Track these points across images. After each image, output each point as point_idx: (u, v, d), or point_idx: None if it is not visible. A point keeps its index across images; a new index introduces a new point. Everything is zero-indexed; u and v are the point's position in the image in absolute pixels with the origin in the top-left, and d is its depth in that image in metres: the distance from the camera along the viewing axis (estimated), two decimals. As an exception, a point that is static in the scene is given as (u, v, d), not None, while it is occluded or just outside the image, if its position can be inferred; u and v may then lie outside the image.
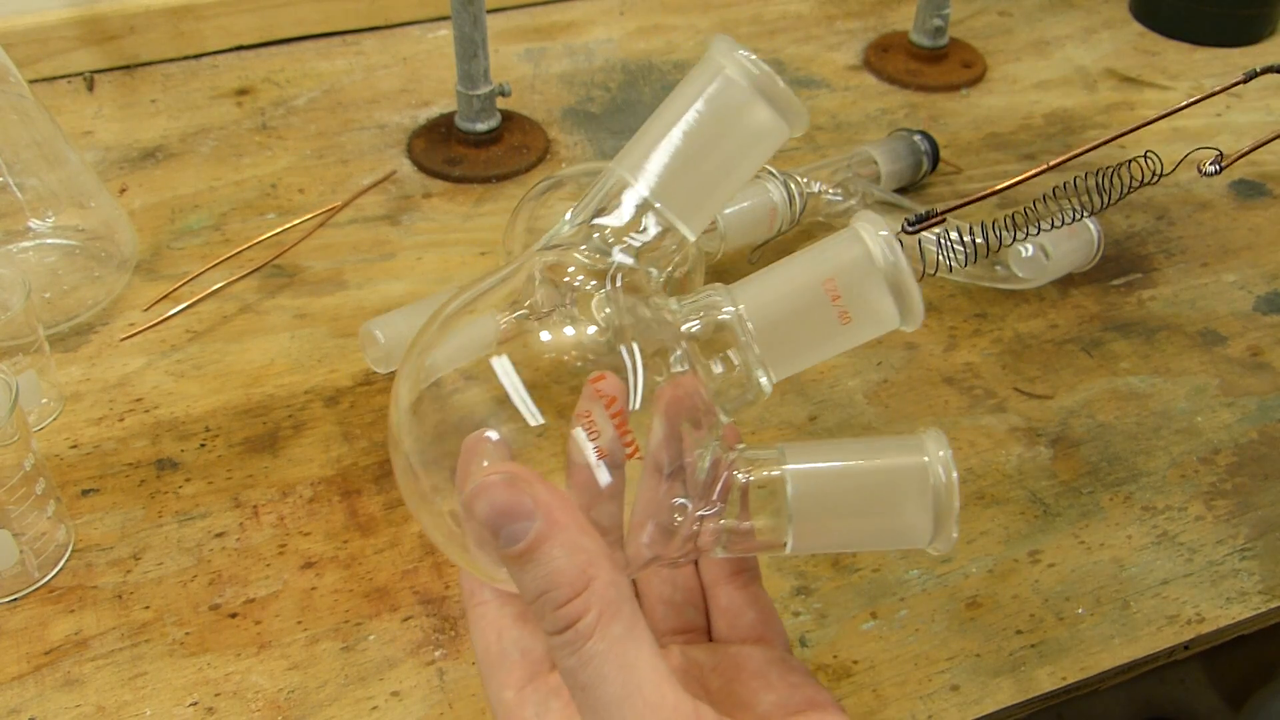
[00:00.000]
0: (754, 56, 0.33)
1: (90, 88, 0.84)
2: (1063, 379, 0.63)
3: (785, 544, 0.35)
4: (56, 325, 0.63)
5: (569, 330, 0.34)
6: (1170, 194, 0.77)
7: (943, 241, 0.35)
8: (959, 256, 0.35)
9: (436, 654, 0.49)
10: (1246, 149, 0.58)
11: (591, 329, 0.34)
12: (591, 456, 0.32)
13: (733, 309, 0.34)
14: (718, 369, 0.35)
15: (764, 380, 0.35)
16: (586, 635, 0.29)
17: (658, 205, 0.34)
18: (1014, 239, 0.36)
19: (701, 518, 0.35)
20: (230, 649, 0.49)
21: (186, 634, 0.49)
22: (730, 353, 0.34)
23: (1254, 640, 0.54)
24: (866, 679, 0.49)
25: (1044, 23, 0.97)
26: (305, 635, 0.50)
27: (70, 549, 0.52)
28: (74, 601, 0.50)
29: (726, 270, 0.67)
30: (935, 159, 0.75)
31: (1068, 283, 0.69)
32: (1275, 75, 0.53)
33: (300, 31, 0.90)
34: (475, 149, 0.78)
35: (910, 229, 0.34)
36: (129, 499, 0.55)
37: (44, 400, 0.58)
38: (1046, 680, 0.49)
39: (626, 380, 0.33)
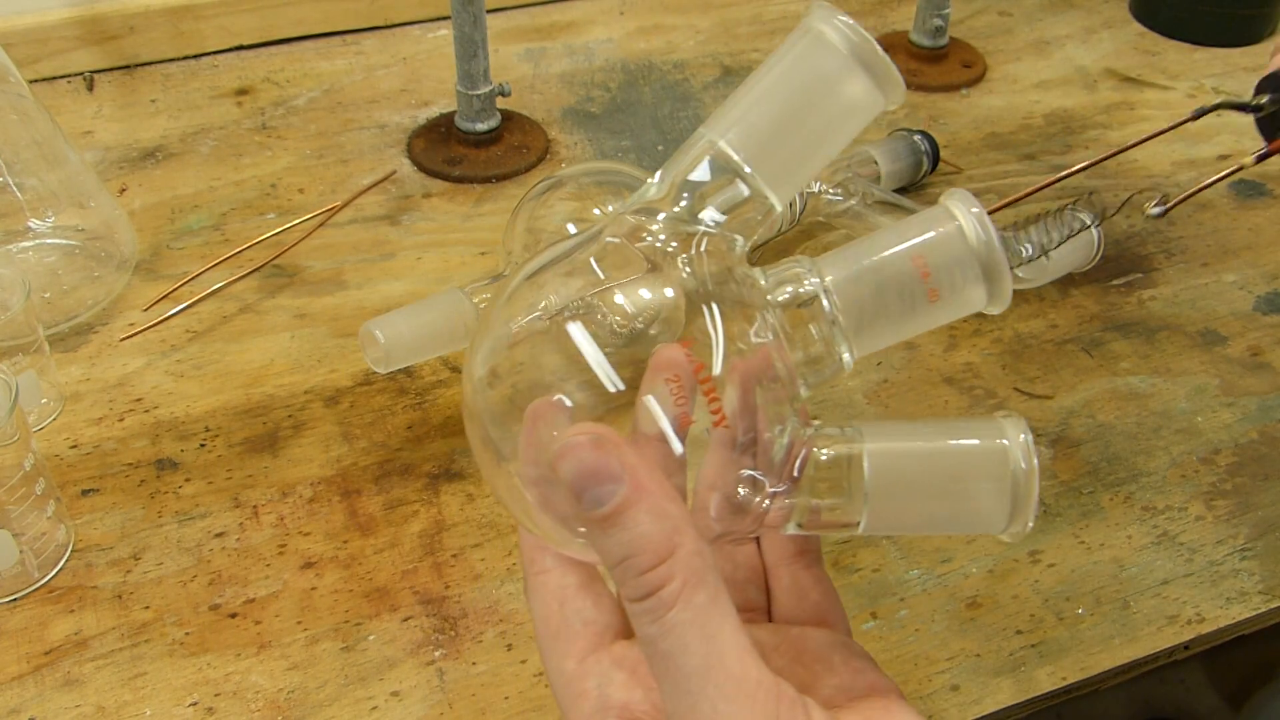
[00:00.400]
0: (852, 22, 0.32)
1: (90, 88, 0.84)
2: (1063, 379, 0.63)
3: (858, 524, 0.35)
4: (56, 325, 0.63)
5: (646, 294, 0.33)
6: (1171, 194, 0.77)
7: None
8: None
9: (436, 654, 0.49)
10: (1187, 193, 0.59)
11: (670, 293, 0.33)
12: (666, 425, 0.31)
13: (819, 280, 0.33)
14: (800, 341, 0.34)
15: (846, 356, 0.34)
16: (669, 603, 0.28)
17: (748, 170, 0.33)
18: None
19: (774, 494, 0.34)
20: (230, 649, 0.49)
21: (186, 634, 0.49)
22: (813, 326, 0.33)
23: (1254, 640, 0.54)
24: (866, 679, 0.49)
25: (1044, 23, 0.97)
26: (305, 635, 0.50)
27: (70, 549, 0.52)
28: (74, 601, 0.50)
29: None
30: (935, 159, 0.75)
31: (1068, 283, 0.69)
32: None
33: (300, 31, 0.90)
34: (475, 149, 0.78)
35: None
36: (129, 499, 0.55)
37: (44, 400, 0.58)
38: (1046, 680, 0.49)
39: (709, 347, 0.31)
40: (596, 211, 0.58)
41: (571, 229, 0.58)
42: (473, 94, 0.76)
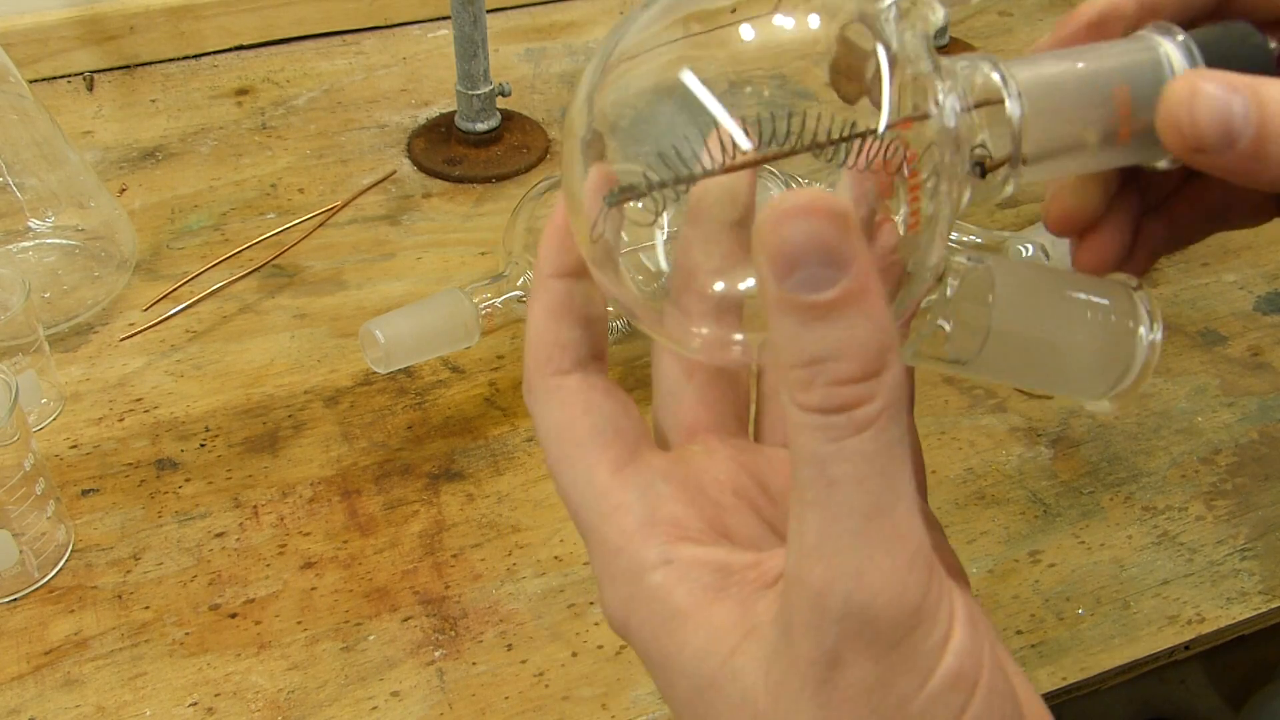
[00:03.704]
0: None
1: (90, 88, 0.84)
2: (1063, 379, 0.63)
3: (969, 360, 0.31)
4: (56, 325, 0.63)
5: (795, 27, 0.27)
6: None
7: None
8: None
9: (436, 654, 0.49)
10: None
11: (818, 23, 0.27)
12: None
13: (1005, 77, 0.28)
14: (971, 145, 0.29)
15: (1013, 181, 0.29)
16: (861, 425, 0.23)
17: None
18: None
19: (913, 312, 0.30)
20: (230, 649, 0.49)
21: (186, 634, 0.49)
22: (986, 136, 0.28)
23: (1254, 640, 0.54)
24: (866, 679, 0.49)
25: (1044, 23, 0.97)
26: (305, 635, 0.50)
27: (70, 549, 0.52)
28: (74, 601, 0.50)
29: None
30: (935, 159, 0.75)
31: (1068, 283, 0.69)
32: None
33: (300, 31, 0.90)
34: (475, 149, 0.78)
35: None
36: (129, 499, 0.55)
37: (44, 400, 0.58)
38: (1046, 680, 0.49)
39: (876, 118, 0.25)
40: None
41: None
42: (473, 94, 0.76)
